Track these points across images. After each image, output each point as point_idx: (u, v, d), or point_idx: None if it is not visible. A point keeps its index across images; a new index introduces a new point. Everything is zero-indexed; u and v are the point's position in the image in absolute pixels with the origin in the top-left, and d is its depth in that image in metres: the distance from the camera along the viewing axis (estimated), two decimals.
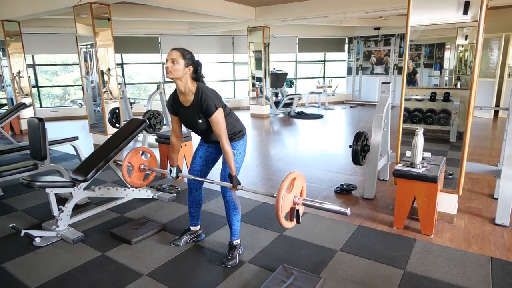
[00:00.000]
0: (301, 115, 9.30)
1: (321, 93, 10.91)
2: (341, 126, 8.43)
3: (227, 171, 2.32)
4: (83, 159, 3.71)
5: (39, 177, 2.99)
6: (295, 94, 9.97)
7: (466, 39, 3.93)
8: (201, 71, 2.24)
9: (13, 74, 7.41)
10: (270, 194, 2.08)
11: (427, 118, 3.56)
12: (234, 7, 7.86)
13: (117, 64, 8.93)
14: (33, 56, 9.08)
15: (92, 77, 6.42)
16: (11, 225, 2.84)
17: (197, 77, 2.23)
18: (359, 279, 2.23)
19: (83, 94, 7.70)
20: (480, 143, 5.78)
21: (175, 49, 2.15)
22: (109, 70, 6.04)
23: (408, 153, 2.92)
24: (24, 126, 7.49)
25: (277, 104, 9.65)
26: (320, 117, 9.16)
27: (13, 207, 3.44)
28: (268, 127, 8.07)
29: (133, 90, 11.13)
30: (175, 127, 2.44)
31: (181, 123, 2.42)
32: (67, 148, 4.77)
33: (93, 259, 2.51)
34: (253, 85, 9.58)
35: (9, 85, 7.63)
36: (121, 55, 9.83)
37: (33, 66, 9.16)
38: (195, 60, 2.20)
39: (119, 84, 6.39)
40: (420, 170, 2.74)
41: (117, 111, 6.18)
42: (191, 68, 2.16)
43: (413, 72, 6.67)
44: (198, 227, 2.73)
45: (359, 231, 2.86)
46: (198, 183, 2.57)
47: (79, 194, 3.00)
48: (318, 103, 11.07)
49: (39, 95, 9.53)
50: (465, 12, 2.69)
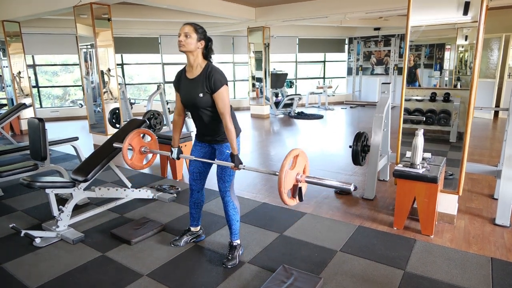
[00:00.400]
0: (301, 116, 9.31)
1: (321, 93, 10.92)
2: (341, 126, 8.43)
3: (224, 171, 2.34)
4: (83, 159, 3.71)
5: (39, 178, 2.99)
6: (295, 94, 9.98)
7: (466, 40, 3.92)
8: (212, 46, 2.30)
9: (13, 74, 7.42)
10: (272, 172, 2.08)
11: (428, 118, 3.56)
12: (234, 8, 7.87)
13: (117, 64, 8.93)
14: (33, 56, 9.09)
15: (92, 77, 6.42)
16: (11, 226, 2.84)
17: (207, 52, 2.28)
18: (359, 280, 2.23)
19: (83, 94, 7.71)
20: (480, 144, 5.78)
21: (188, 23, 2.21)
22: (109, 70, 6.04)
23: (408, 154, 2.92)
24: (24, 126, 7.49)
25: (277, 104, 9.66)
26: (320, 117, 9.17)
27: (13, 208, 3.44)
28: (268, 128, 8.07)
29: (133, 90, 11.13)
30: (179, 105, 2.45)
31: None
32: (67, 148, 4.77)
33: (93, 259, 2.51)
34: (253, 85, 9.58)
35: (9, 86, 7.64)
36: (121, 56, 9.84)
37: (33, 66, 9.16)
38: (206, 35, 2.26)
39: (119, 84, 6.40)
40: (420, 170, 2.74)
41: (117, 111, 6.18)
42: (203, 42, 2.22)
43: (414, 66, 6.67)
44: (198, 228, 2.74)
45: (359, 231, 2.86)
46: (199, 185, 2.57)
47: (79, 194, 3.00)
48: (318, 104, 11.08)
49: (39, 96, 9.53)
50: (465, 12, 2.69)
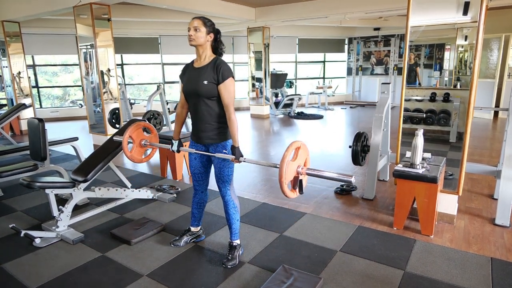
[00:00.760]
0: (301, 116, 9.31)
1: (321, 93, 10.92)
2: (341, 126, 8.43)
3: (223, 172, 2.35)
4: (83, 159, 3.71)
5: (39, 178, 2.99)
6: (295, 94, 9.98)
7: (466, 40, 3.93)
8: (221, 38, 2.32)
9: (13, 74, 7.42)
10: (273, 164, 2.08)
11: (427, 118, 3.56)
12: (234, 8, 7.87)
13: (117, 64, 8.94)
14: (33, 56, 9.09)
15: (92, 77, 6.41)
16: (11, 226, 2.85)
17: (217, 44, 2.31)
18: (359, 280, 2.23)
19: (83, 94, 7.71)
20: (480, 144, 5.78)
21: (197, 17, 2.24)
22: (109, 70, 6.04)
23: (408, 154, 2.92)
24: (24, 126, 7.49)
25: (277, 104, 9.66)
26: (320, 117, 9.17)
27: (13, 208, 3.44)
28: (268, 128, 8.07)
29: (133, 90, 11.13)
30: (183, 96, 2.44)
31: None
32: (67, 148, 4.77)
33: (93, 259, 2.51)
34: (253, 85, 9.58)
35: (9, 86, 7.64)
36: (121, 56, 9.84)
37: (33, 66, 9.16)
38: (215, 27, 2.29)
39: (119, 84, 6.40)
40: (420, 170, 2.74)
41: (117, 111, 6.18)
42: (212, 35, 2.26)
43: (414, 64, 6.66)
44: (198, 228, 2.73)
45: (359, 231, 2.86)
46: (203, 186, 2.56)
47: (79, 194, 3.00)
48: (318, 104, 11.08)
49: (39, 96, 9.53)
50: (465, 12, 2.69)
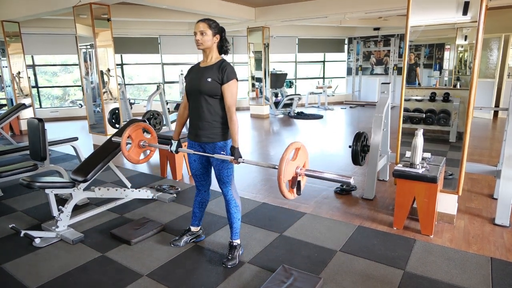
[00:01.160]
0: (300, 116, 9.31)
1: (321, 93, 10.92)
2: (341, 126, 8.44)
3: (222, 172, 2.35)
4: (83, 159, 3.71)
5: (39, 178, 2.99)
6: (295, 94, 9.98)
7: (465, 40, 3.93)
8: (226, 36, 2.34)
9: (13, 74, 7.41)
10: (272, 165, 2.08)
11: (427, 118, 3.56)
12: (233, 8, 7.87)
13: (117, 64, 8.91)
14: (32, 56, 9.09)
15: (92, 77, 6.41)
16: (10, 226, 2.84)
17: (223, 43, 2.32)
18: (359, 280, 2.23)
19: (83, 94, 7.71)
20: (479, 144, 5.78)
21: (201, 20, 2.23)
22: (108, 70, 6.04)
23: (408, 154, 2.92)
24: (24, 126, 7.49)
25: (276, 104, 9.66)
26: (319, 117, 9.17)
27: (13, 208, 3.44)
28: (267, 128, 8.07)
29: (132, 90, 11.13)
30: (186, 98, 2.44)
31: None
32: (67, 148, 4.77)
33: (93, 259, 2.51)
34: (253, 85, 9.58)
35: (9, 86, 7.64)
36: (121, 56, 9.83)
37: (33, 66, 9.16)
38: (219, 28, 2.29)
39: (119, 84, 6.39)
40: (420, 170, 2.74)
41: (117, 111, 6.18)
42: (218, 36, 2.28)
43: (414, 63, 6.66)
44: (198, 228, 2.73)
45: (359, 231, 2.86)
46: (205, 186, 2.56)
47: (79, 194, 3.00)
48: (318, 104, 11.08)
49: (39, 96, 9.53)
50: (465, 12, 2.69)
